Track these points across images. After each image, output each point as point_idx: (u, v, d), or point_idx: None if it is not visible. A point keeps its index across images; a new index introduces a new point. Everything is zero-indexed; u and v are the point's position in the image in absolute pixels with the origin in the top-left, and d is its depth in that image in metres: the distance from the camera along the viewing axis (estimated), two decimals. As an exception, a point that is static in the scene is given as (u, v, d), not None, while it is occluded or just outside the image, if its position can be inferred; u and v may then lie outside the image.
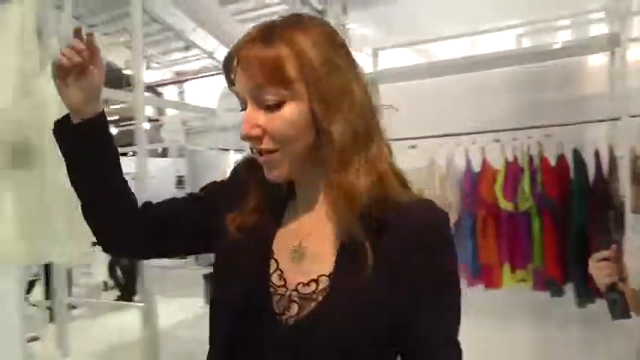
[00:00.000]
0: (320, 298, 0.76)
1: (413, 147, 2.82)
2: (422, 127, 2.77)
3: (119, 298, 6.45)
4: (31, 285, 5.39)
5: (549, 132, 2.58)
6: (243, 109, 0.78)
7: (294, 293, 0.78)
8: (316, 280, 0.77)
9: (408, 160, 2.63)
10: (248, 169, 0.88)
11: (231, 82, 0.80)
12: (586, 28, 2.99)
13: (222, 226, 0.85)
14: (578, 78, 2.86)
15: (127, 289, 6.45)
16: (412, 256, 0.75)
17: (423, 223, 0.78)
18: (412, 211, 0.78)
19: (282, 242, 0.83)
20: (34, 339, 3.05)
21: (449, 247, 0.80)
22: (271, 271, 0.81)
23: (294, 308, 0.77)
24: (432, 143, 2.83)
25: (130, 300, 6.41)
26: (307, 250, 0.81)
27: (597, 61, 2.78)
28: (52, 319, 3.09)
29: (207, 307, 0.87)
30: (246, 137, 0.77)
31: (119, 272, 6.50)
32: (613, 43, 2.53)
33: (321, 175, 0.80)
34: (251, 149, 0.81)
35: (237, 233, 0.83)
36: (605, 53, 2.69)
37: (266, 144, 0.77)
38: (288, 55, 0.74)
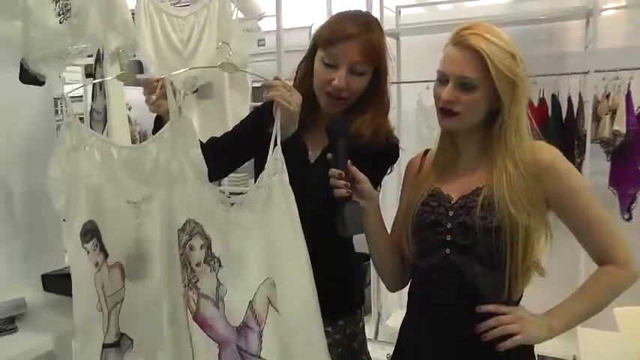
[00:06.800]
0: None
1: (427, 88, 3.54)
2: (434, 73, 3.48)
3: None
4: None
5: (535, 80, 3.19)
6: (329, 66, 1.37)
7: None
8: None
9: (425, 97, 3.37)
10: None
11: (330, 43, 1.37)
12: (568, -2, 3.66)
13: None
14: (560, 39, 3.57)
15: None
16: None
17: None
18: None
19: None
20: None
21: None
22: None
23: None
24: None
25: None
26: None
27: (575, 26, 3.45)
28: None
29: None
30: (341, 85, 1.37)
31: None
32: (587, 14, 3.24)
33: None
34: (328, 93, 1.39)
35: None
36: (581, 21, 3.35)
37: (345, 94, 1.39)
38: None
